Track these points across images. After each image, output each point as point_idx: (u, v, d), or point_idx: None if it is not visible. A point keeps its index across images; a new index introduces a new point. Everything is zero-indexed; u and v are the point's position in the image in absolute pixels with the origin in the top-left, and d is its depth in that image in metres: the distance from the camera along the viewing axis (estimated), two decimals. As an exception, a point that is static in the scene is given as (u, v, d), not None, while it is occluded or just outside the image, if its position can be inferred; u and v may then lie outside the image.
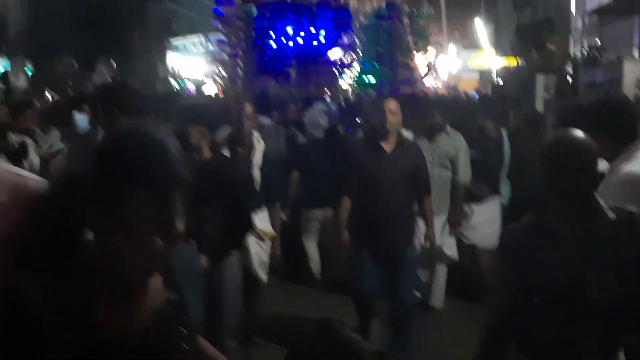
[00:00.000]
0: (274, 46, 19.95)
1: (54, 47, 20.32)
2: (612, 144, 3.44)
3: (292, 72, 19.62)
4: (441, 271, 6.95)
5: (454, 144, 6.51)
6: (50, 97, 13.07)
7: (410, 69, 24.95)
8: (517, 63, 12.45)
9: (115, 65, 22.89)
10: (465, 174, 6.55)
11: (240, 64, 19.80)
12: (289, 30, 20.11)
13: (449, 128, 6.56)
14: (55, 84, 16.70)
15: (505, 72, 12.47)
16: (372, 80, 23.89)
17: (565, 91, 8.63)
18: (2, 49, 19.27)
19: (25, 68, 18.96)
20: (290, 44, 20.37)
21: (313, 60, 20.30)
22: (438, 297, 6.98)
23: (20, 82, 15.72)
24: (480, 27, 25.36)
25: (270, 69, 19.72)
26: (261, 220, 5.52)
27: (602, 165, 3.73)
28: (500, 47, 18.97)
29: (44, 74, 19.18)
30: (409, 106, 8.62)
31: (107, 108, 4.95)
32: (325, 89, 19.36)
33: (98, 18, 22.93)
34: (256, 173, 5.59)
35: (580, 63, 8.74)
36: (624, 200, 3.33)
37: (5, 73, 16.29)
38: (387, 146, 5.40)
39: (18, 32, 17.85)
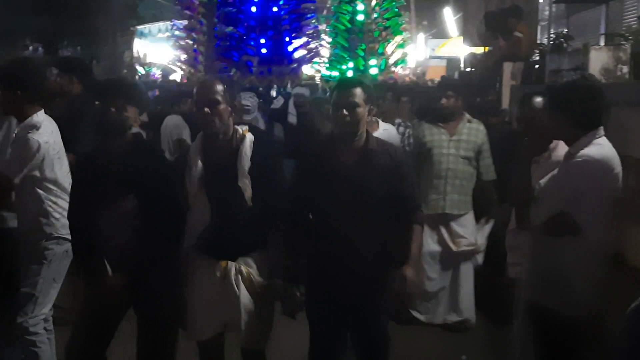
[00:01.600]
0: (236, 33, 19.85)
1: (18, 32, 20.00)
2: (573, 127, 3.45)
3: (254, 61, 19.49)
4: (467, 277, 6.21)
5: (479, 134, 5.98)
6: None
7: (380, 55, 24.95)
8: (485, 51, 12.47)
9: (80, 50, 22.59)
10: (492, 167, 6.03)
11: (202, 50, 19.62)
12: (251, 15, 19.99)
13: (468, 116, 6.06)
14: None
15: (471, 59, 12.51)
16: (343, 67, 23.86)
17: (532, 78, 8.67)
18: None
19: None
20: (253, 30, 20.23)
21: (275, 49, 20.20)
22: (467, 311, 6.18)
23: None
24: (449, 15, 25.47)
25: (230, 57, 19.59)
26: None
27: (562, 149, 3.75)
28: (468, 35, 19.06)
29: (7, 59, 18.81)
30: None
31: (9, 91, 4.52)
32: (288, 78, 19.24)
33: (63, 2, 22.57)
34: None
35: (547, 51, 8.78)
36: (581, 183, 3.36)
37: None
38: (349, 154, 3.84)
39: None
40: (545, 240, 3.52)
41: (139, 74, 24.76)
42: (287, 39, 20.35)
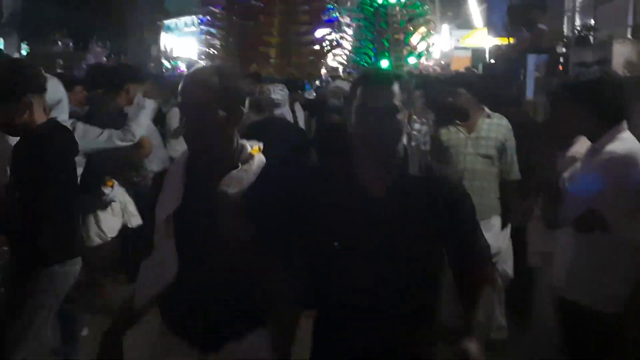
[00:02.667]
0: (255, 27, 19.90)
1: (48, 27, 20.35)
2: (597, 122, 3.43)
3: (273, 52, 19.45)
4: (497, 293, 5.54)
5: (500, 130, 5.36)
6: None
7: (406, 46, 24.98)
8: (509, 42, 12.54)
9: (109, 44, 22.91)
10: (516, 167, 5.40)
11: (223, 44, 19.84)
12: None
13: (488, 110, 5.43)
14: (49, 64, 16.78)
15: (496, 51, 12.57)
16: (368, 59, 23.92)
17: (556, 71, 8.76)
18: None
19: (22, 48, 18.98)
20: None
21: (293, 44, 19.99)
22: (499, 326, 5.55)
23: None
24: (474, 6, 25.40)
25: (251, 48, 19.64)
26: None
27: (584, 144, 3.81)
28: (493, 26, 19.05)
29: (38, 54, 19.22)
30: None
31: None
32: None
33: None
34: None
35: (571, 43, 8.86)
36: (607, 179, 3.35)
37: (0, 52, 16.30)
38: (380, 182, 2.53)
39: (13, 12, 17.84)
40: (574, 236, 3.49)
41: (166, 68, 25.04)
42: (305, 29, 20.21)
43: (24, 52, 19.06)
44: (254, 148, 2.56)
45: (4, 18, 18.03)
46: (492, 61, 12.89)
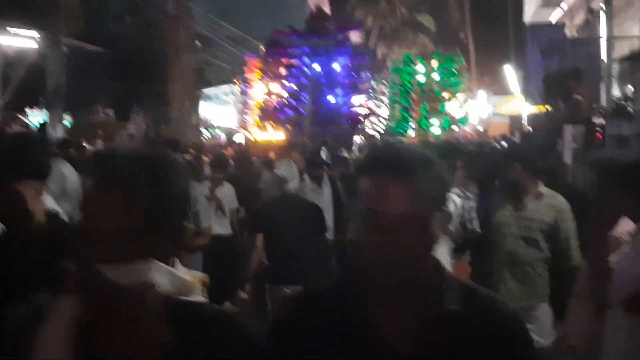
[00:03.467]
0: (286, 94, 20.06)
1: (91, 98, 20.90)
2: (638, 205, 3.42)
3: (306, 122, 19.43)
4: None
5: (550, 210, 4.73)
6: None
7: (442, 115, 25.06)
8: (546, 110, 12.49)
9: (149, 114, 23.37)
10: (575, 253, 4.68)
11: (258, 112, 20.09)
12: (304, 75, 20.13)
13: (543, 187, 4.83)
14: (91, 134, 17.19)
15: (534, 120, 12.52)
16: (404, 126, 24.02)
17: (593, 142, 8.66)
18: (41, 101, 19.80)
19: (64, 120, 19.46)
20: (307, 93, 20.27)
21: (328, 110, 19.86)
22: None
23: (57, 133, 16.11)
24: (510, 73, 25.48)
25: (284, 117, 19.78)
26: None
27: (629, 224, 3.76)
28: (529, 93, 19.04)
29: (81, 125, 19.69)
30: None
31: None
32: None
33: (134, 69, 23.58)
34: None
35: (609, 113, 8.78)
36: None
37: (43, 124, 16.73)
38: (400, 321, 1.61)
39: (56, 85, 18.35)
40: (625, 317, 3.43)
41: (205, 137, 25.41)
42: (338, 98, 20.24)
43: (67, 123, 19.52)
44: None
45: (49, 91, 18.52)
46: (530, 129, 12.81)
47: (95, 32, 22.59)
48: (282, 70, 19.91)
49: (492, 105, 29.52)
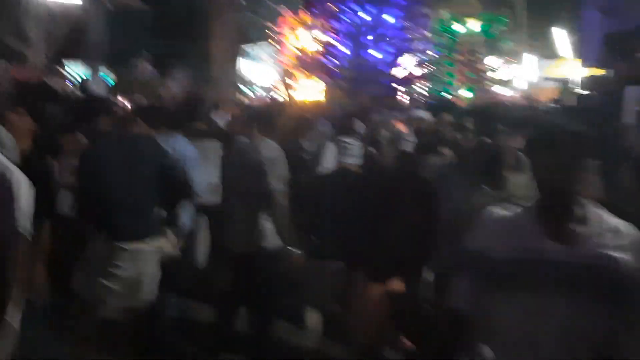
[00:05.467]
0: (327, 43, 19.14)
1: (132, 55, 20.68)
2: None
3: (347, 76, 18.39)
4: None
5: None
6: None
7: (485, 78, 24.46)
8: (603, 73, 11.90)
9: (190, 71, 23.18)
10: None
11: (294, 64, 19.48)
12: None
13: None
14: (134, 91, 16.99)
15: (591, 82, 11.95)
16: (448, 90, 23.49)
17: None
18: (82, 56, 19.72)
19: (104, 75, 19.35)
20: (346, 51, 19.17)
21: (371, 66, 18.72)
22: None
23: (99, 90, 15.96)
24: (561, 36, 24.65)
25: (323, 70, 18.93)
26: None
27: None
28: (582, 56, 18.34)
29: (122, 82, 19.55)
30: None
31: None
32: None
33: (175, 25, 23.36)
34: None
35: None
36: None
37: (85, 81, 16.58)
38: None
39: (97, 41, 18.20)
40: None
41: (244, 94, 25.21)
42: (386, 54, 19.08)
43: (109, 80, 19.41)
44: None
45: (90, 48, 18.41)
46: (587, 92, 12.25)
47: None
48: (325, 17, 18.59)
49: (541, 70, 28.74)
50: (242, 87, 26.54)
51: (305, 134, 7.46)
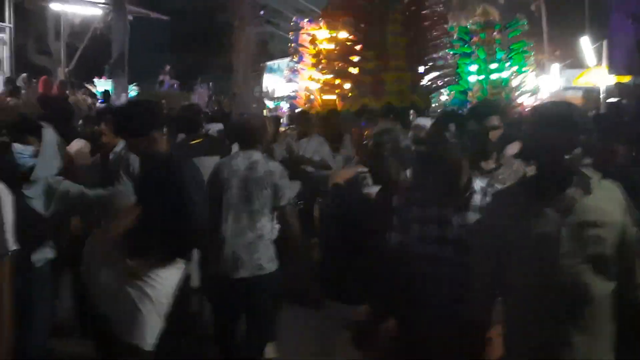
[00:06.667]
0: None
1: (155, 68, 20.78)
2: None
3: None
4: None
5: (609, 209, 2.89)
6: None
7: (505, 86, 24.14)
8: (633, 80, 11.69)
9: (212, 86, 23.21)
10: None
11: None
12: None
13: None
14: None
15: (623, 89, 11.75)
16: (463, 98, 23.19)
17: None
18: (106, 70, 19.79)
19: (129, 88, 19.40)
20: None
21: None
22: None
23: (121, 102, 16.00)
24: (587, 44, 24.40)
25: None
26: None
27: None
28: (613, 64, 18.09)
29: (145, 95, 19.59)
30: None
31: None
32: None
33: (198, 39, 23.45)
34: None
35: None
36: None
37: (106, 92, 16.64)
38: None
39: (121, 55, 18.26)
40: None
41: (268, 108, 25.19)
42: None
43: (132, 93, 19.45)
44: None
45: (114, 61, 18.47)
46: (614, 99, 12.03)
47: (160, 1, 22.49)
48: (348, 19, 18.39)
49: (564, 79, 28.48)
50: (264, 100, 26.55)
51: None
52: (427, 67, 17.06)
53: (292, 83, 21.22)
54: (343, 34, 15.71)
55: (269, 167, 5.20)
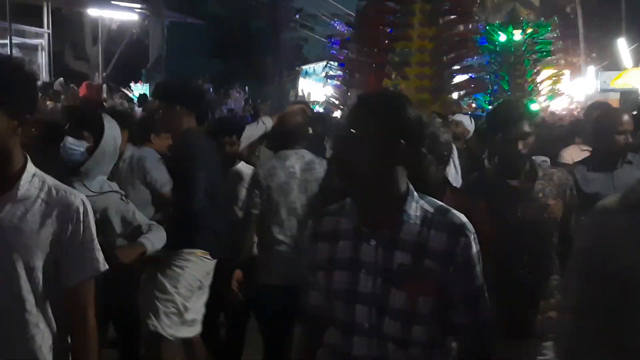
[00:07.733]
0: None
1: (190, 73, 21.05)
2: None
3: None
4: None
5: None
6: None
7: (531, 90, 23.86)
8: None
9: (248, 90, 23.40)
10: None
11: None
12: None
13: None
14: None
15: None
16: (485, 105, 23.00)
17: None
18: (142, 74, 20.09)
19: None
20: None
21: None
22: None
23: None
24: (623, 46, 24.15)
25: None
26: None
27: None
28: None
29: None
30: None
31: None
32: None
33: (233, 44, 23.68)
34: None
35: None
36: None
37: (143, 96, 16.90)
38: None
39: (158, 59, 18.51)
40: None
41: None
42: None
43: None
44: None
45: (150, 65, 18.73)
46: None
47: (196, 6, 22.76)
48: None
49: (601, 81, 28.18)
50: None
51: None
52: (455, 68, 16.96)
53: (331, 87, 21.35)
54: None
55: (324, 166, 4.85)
